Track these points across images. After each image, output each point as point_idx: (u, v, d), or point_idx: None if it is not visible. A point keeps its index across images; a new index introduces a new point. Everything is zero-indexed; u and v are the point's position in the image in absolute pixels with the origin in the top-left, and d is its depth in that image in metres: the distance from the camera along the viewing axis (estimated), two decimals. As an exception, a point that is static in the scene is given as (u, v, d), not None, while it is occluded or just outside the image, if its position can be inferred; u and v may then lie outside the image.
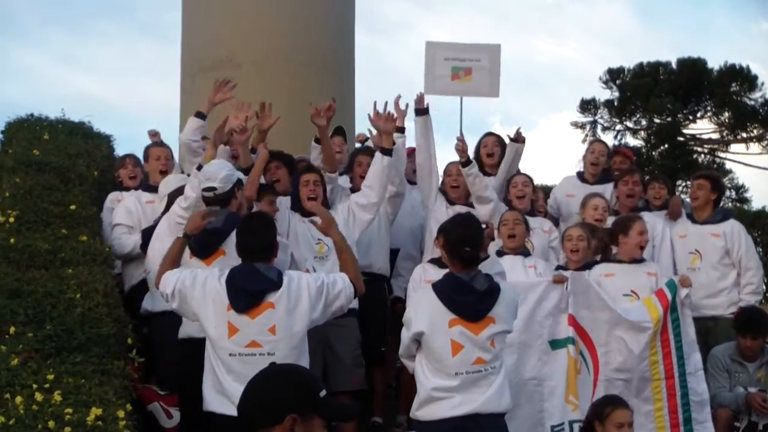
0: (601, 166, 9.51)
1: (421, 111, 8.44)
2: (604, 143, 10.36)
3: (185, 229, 6.30)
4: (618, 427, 6.43)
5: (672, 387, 7.42)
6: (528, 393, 7.28)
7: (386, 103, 8.08)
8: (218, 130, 7.64)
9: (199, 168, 7.16)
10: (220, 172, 6.83)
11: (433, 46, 8.27)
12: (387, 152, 7.97)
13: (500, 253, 7.96)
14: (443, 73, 8.25)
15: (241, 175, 7.22)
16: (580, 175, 9.59)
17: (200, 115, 8.13)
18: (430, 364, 5.93)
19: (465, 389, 5.83)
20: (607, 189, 9.25)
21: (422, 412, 5.95)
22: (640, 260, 8.02)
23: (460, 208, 8.22)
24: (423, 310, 5.98)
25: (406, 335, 6.03)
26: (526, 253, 8.05)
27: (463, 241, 5.98)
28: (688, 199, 9.68)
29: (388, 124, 8.01)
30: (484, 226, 6.78)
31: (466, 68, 8.23)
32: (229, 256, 6.54)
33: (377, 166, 7.97)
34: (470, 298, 5.88)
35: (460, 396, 5.83)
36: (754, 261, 8.84)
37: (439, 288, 5.99)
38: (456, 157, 8.61)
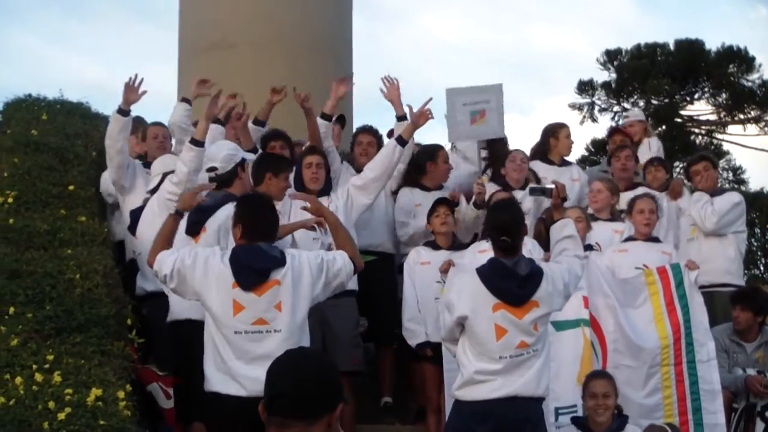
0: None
1: None
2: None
3: (177, 207, 6.17)
4: (592, 397, 6.56)
5: (680, 373, 7.39)
6: None
7: (429, 100, 8.09)
8: (212, 102, 7.54)
9: (192, 142, 7.15)
10: (220, 152, 6.83)
11: (453, 93, 8.35)
12: (402, 142, 7.94)
13: None
14: (463, 119, 8.34)
15: (247, 155, 7.17)
16: (543, 158, 9.43)
17: (187, 101, 8.11)
18: (473, 348, 5.95)
19: (507, 372, 5.87)
20: (572, 170, 9.37)
21: (462, 392, 6.00)
22: (655, 239, 8.15)
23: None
24: (466, 295, 5.98)
25: (448, 319, 6.02)
26: None
27: (500, 229, 6.01)
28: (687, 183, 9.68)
29: (422, 119, 8.07)
30: (552, 186, 6.52)
31: (481, 111, 8.31)
32: (209, 234, 6.54)
33: (387, 151, 7.95)
34: (513, 283, 5.90)
35: (501, 379, 5.87)
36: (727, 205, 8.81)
37: (482, 272, 5.98)
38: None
